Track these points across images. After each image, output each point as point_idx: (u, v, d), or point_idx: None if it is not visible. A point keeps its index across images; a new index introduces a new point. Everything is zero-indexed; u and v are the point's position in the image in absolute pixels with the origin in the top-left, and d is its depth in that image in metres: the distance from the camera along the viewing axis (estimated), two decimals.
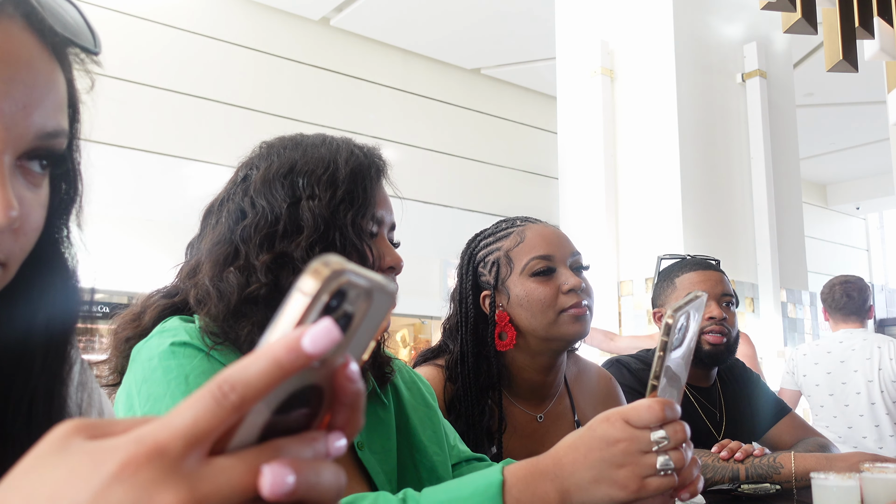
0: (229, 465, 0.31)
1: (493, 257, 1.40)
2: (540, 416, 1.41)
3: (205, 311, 0.92)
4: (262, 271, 0.91)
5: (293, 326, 0.33)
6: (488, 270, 1.41)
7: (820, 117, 7.63)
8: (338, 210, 0.94)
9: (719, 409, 1.95)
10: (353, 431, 0.36)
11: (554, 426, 1.43)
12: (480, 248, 1.45)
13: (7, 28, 0.45)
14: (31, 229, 0.48)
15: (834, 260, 9.80)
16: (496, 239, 1.43)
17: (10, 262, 0.47)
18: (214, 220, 0.99)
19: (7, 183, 0.44)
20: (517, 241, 1.39)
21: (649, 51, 3.67)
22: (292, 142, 1.02)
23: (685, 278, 1.92)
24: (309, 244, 0.92)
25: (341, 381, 0.34)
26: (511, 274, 1.37)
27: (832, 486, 1.04)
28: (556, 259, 1.36)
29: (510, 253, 1.38)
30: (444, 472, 1.08)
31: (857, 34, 2.43)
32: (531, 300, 1.34)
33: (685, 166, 3.49)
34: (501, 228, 1.46)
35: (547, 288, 1.34)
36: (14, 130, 0.45)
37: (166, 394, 0.84)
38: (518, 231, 1.41)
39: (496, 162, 7.11)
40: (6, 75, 0.44)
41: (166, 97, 5.37)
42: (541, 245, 1.37)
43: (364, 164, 0.99)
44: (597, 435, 0.78)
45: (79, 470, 0.30)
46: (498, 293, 1.38)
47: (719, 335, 1.85)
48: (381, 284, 0.35)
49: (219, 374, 0.31)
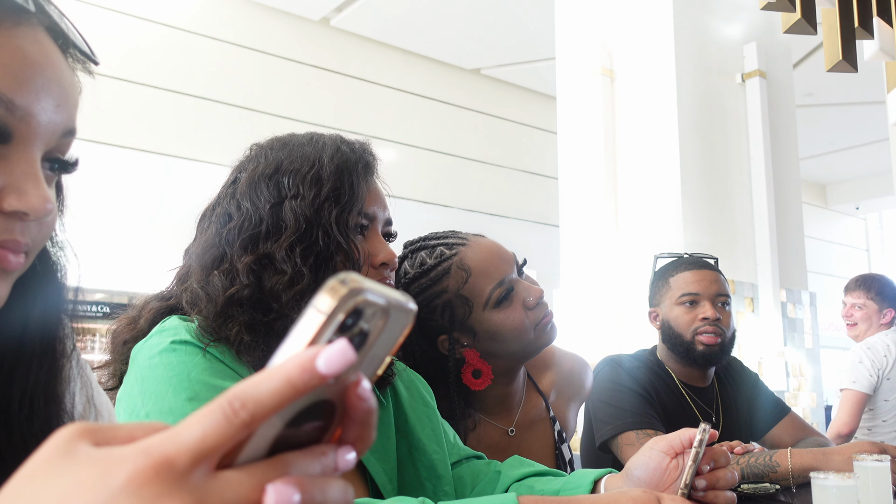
0: (237, 479, 0.31)
1: (441, 301, 1.28)
2: (511, 429, 1.39)
3: (197, 313, 0.93)
4: (245, 273, 0.91)
5: (307, 344, 0.32)
6: (439, 315, 1.29)
7: (820, 117, 7.63)
8: (322, 208, 0.94)
9: (716, 411, 1.95)
10: (363, 447, 0.35)
11: (527, 434, 1.41)
12: (414, 294, 1.29)
13: (35, 34, 0.49)
14: (52, 222, 0.52)
15: (834, 260, 9.80)
16: (432, 282, 1.30)
17: (31, 252, 0.50)
18: (206, 224, 1.00)
19: (42, 177, 0.48)
20: (463, 278, 1.28)
21: (649, 51, 3.67)
22: (280, 142, 1.02)
23: (679, 278, 1.92)
24: (290, 244, 0.92)
25: (353, 400, 0.34)
26: (472, 312, 1.28)
27: (832, 486, 1.04)
28: (508, 278, 1.30)
29: (462, 292, 1.28)
30: (443, 470, 1.09)
31: (856, 34, 2.42)
32: (505, 330, 1.28)
33: (685, 166, 3.50)
34: (430, 268, 1.31)
35: (515, 311, 1.28)
36: (48, 127, 0.49)
37: (168, 391, 0.84)
38: (455, 264, 1.29)
39: (496, 162, 7.11)
40: (47, 75, 0.49)
41: (166, 97, 5.37)
42: (491, 271, 1.29)
43: (351, 160, 0.99)
44: (629, 495, 0.87)
45: (85, 480, 0.30)
46: (460, 334, 1.30)
47: (713, 335, 1.84)
48: (400, 303, 0.34)
49: (230, 389, 0.31)
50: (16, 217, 0.47)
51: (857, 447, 1.49)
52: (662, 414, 1.80)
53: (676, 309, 1.88)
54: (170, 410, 0.82)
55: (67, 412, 0.56)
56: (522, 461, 1.17)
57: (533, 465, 1.15)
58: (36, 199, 0.47)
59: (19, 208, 0.47)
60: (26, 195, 0.47)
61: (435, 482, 1.06)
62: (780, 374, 3.68)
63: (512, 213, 6.88)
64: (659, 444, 0.97)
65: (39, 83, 0.48)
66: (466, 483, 1.14)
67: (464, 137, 6.92)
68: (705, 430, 0.90)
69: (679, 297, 1.88)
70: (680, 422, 1.79)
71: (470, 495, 1.12)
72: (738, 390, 2.02)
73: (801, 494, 1.53)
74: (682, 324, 1.86)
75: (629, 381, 1.82)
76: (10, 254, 0.48)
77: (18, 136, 0.47)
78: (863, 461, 1.16)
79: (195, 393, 0.84)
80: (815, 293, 4.07)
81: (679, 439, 0.96)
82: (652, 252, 3.53)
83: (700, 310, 1.86)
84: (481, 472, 1.16)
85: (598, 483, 1.02)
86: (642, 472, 0.97)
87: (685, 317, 1.87)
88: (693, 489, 0.91)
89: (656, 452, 0.97)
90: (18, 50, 0.47)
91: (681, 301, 1.88)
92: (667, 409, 1.84)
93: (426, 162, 6.56)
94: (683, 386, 1.92)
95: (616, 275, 3.55)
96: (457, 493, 1.12)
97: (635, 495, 0.87)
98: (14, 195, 0.47)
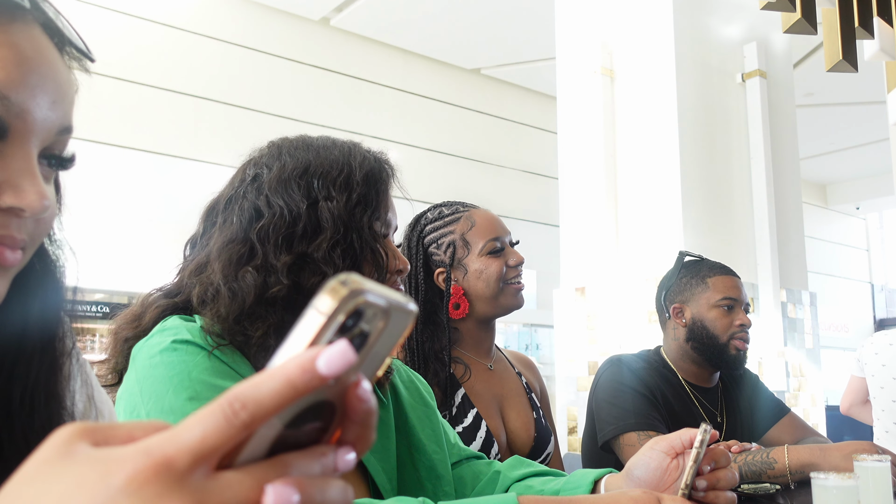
0: (237, 480, 0.31)
1: (448, 240, 1.62)
2: (490, 364, 1.66)
3: (211, 311, 0.90)
4: (283, 272, 0.90)
5: (307, 345, 0.32)
6: (443, 251, 1.62)
7: (820, 117, 7.63)
8: (354, 212, 0.95)
9: (720, 411, 1.96)
10: (363, 448, 0.35)
11: (504, 373, 1.69)
12: (429, 232, 1.65)
13: (30, 31, 0.49)
14: (50, 219, 0.52)
15: (834, 260, 9.81)
16: (445, 224, 1.64)
17: (28, 248, 0.50)
18: (222, 218, 0.98)
19: (38, 173, 0.48)
20: (469, 226, 1.62)
21: (649, 51, 3.67)
22: (302, 142, 1.01)
23: (719, 281, 1.95)
24: (330, 245, 0.92)
25: (352, 401, 0.34)
26: (469, 254, 1.60)
27: (832, 486, 1.04)
28: (503, 240, 1.63)
29: (465, 236, 1.61)
30: (443, 470, 1.09)
31: (856, 34, 2.43)
32: (487, 273, 1.59)
33: (685, 166, 3.49)
34: (446, 214, 1.66)
35: (499, 262, 1.60)
36: (44, 124, 0.49)
37: (169, 390, 0.84)
38: (466, 216, 1.64)
39: (496, 162, 7.11)
40: (42, 71, 0.49)
41: (166, 97, 5.37)
42: (491, 229, 1.62)
43: (376, 169, 1.00)
44: (629, 495, 0.88)
45: (85, 480, 0.30)
46: (454, 270, 1.61)
47: (745, 341, 1.91)
48: (400, 304, 0.34)
49: (230, 390, 0.31)
50: (12, 213, 0.48)
51: (855, 446, 1.50)
52: (668, 414, 1.81)
53: (714, 311, 1.92)
54: (170, 410, 0.82)
55: (68, 411, 0.56)
56: (522, 461, 1.17)
57: (532, 465, 1.15)
58: (32, 196, 0.47)
59: (15, 205, 0.47)
60: (23, 191, 0.47)
61: (435, 482, 1.06)
62: (780, 374, 3.67)
63: (512, 212, 6.87)
64: (660, 444, 0.98)
65: (34, 80, 0.48)
66: (466, 483, 1.14)
67: (464, 137, 6.92)
68: (706, 431, 0.90)
69: (719, 300, 1.92)
70: (685, 422, 1.79)
71: (470, 495, 1.12)
72: (741, 391, 2.03)
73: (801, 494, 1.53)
74: (719, 326, 1.91)
75: (633, 382, 1.82)
76: (7, 250, 0.48)
77: (14, 133, 0.48)
78: (863, 461, 1.16)
79: (196, 392, 0.83)
80: (815, 293, 4.07)
81: (680, 439, 0.96)
82: (652, 251, 3.54)
83: (736, 316, 1.91)
84: (481, 472, 1.16)
85: (598, 483, 1.02)
86: (643, 471, 0.97)
87: (723, 320, 1.91)
88: (693, 489, 0.91)
89: (657, 452, 0.97)
90: (13, 46, 0.47)
91: (720, 304, 1.92)
92: (672, 409, 1.84)
93: (426, 162, 6.56)
94: (689, 386, 1.93)
95: (616, 275, 3.55)
96: (457, 494, 1.12)
97: (636, 496, 0.87)
98: (10, 191, 0.47)
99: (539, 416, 1.65)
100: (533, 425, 1.61)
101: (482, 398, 1.57)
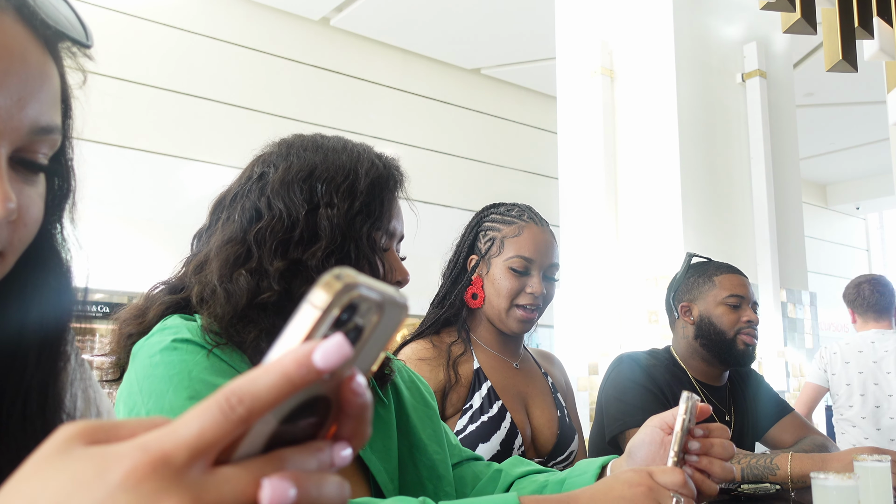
0: (233, 475, 0.31)
1: (492, 235, 1.64)
2: (516, 363, 1.68)
3: (208, 310, 0.90)
4: (276, 278, 0.90)
5: (302, 340, 0.32)
6: (484, 242, 1.65)
7: (820, 117, 7.62)
8: (354, 221, 0.93)
9: (728, 410, 1.97)
10: (359, 443, 0.35)
11: (530, 372, 1.70)
12: (487, 220, 1.68)
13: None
14: (30, 221, 0.49)
15: (834, 260, 9.80)
16: (502, 220, 1.65)
17: (9, 253, 0.48)
18: (226, 215, 0.97)
19: (4, 175, 0.45)
20: (515, 233, 1.62)
21: (649, 51, 3.66)
22: (312, 143, 1.00)
23: (726, 279, 1.98)
24: (325, 254, 0.91)
25: (347, 395, 0.34)
26: (499, 256, 1.61)
27: (832, 486, 1.04)
28: (535, 265, 1.60)
29: (505, 240, 1.62)
30: (444, 470, 1.09)
31: (856, 34, 2.43)
32: (500, 284, 1.60)
33: (685, 166, 3.49)
34: (510, 213, 1.66)
35: (516, 283, 1.60)
36: (9, 123, 0.45)
37: (169, 389, 0.83)
38: (520, 224, 1.63)
39: (496, 162, 7.11)
40: (1, 68, 0.44)
41: (166, 97, 5.37)
42: (529, 248, 1.60)
43: (383, 176, 0.98)
44: (622, 478, 0.87)
45: (82, 477, 0.30)
46: (482, 263, 1.64)
47: (753, 337, 1.94)
48: (393, 298, 0.35)
49: (227, 385, 0.31)
50: None
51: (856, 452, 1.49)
52: None
53: (721, 308, 1.95)
54: (170, 409, 0.82)
55: (68, 411, 0.56)
56: (522, 461, 1.17)
57: (532, 465, 1.15)
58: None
59: None
60: None
61: (436, 482, 1.07)
62: (780, 374, 3.67)
63: None
64: (654, 420, 1.01)
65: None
66: (467, 483, 1.14)
67: (464, 137, 6.92)
68: (689, 398, 0.92)
69: (726, 297, 1.95)
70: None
71: (470, 495, 1.12)
72: (747, 390, 2.05)
73: (801, 494, 1.53)
74: (725, 322, 1.93)
75: (641, 378, 1.84)
76: None
77: None
78: (863, 461, 1.16)
79: (196, 391, 0.83)
80: (815, 293, 4.07)
81: (672, 415, 0.98)
82: (652, 251, 3.54)
83: (743, 312, 1.94)
84: (481, 472, 1.16)
85: (604, 470, 1.05)
86: (642, 449, 0.99)
87: (730, 316, 1.94)
88: (686, 453, 0.93)
89: (651, 428, 1.00)
90: None
91: (727, 301, 1.95)
92: None
93: (426, 162, 6.56)
94: (698, 384, 1.95)
95: (616, 275, 3.55)
96: (457, 494, 1.12)
97: (627, 477, 0.87)
98: None
99: (563, 414, 1.68)
100: (557, 423, 1.64)
101: (507, 393, 1.60)
